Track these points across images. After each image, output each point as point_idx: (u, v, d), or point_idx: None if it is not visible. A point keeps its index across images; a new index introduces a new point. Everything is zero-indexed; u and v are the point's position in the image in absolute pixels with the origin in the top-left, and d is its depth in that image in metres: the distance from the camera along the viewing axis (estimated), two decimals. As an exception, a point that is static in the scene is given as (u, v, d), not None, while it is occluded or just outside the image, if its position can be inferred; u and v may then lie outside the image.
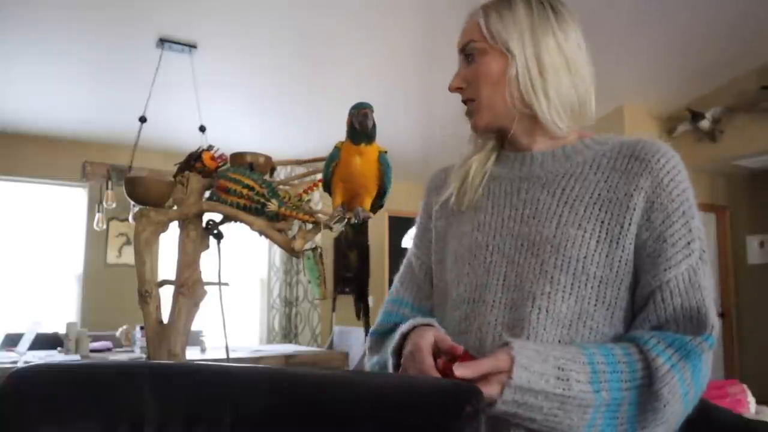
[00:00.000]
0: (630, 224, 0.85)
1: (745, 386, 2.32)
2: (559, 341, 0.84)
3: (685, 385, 0.79)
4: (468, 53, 0.95)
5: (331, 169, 1.29)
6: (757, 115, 4.63)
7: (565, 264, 0.85)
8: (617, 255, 0.85)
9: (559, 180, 0.91)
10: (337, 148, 1.28)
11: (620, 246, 0.85)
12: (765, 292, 5.45)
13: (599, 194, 0.88)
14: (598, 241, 0.85)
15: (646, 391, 0.79)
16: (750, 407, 2.25)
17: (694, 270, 0.84)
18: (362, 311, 1.40)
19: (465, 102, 0.97)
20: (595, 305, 0.85)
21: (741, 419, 1.06)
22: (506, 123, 0.94)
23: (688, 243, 0.84)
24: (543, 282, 0.85)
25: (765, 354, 5.22)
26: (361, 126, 1.20)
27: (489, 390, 0.75)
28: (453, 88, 0.97)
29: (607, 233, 0.85)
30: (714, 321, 0.82)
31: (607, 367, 0.78)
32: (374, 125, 1.22)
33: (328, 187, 1.34)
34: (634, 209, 0.85)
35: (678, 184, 0.86)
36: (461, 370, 0.74)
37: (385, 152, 1.29)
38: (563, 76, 0.90)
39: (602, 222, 0.86)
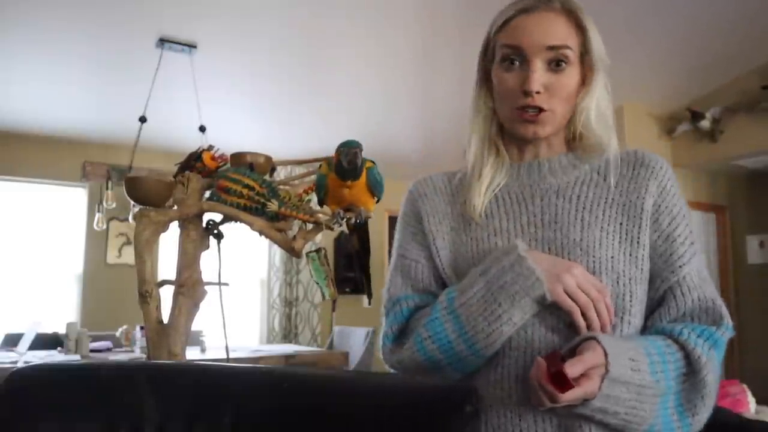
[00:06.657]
0: (646, 225, 0.89)
1: (745, 386, 2.32)
2: None
3: (715, 372, 0.85)
4: (559, 59, 0.88)
5: (323, 194, 1.36)
6: (757, 115, 4.63)
7: (597, 265, 0.86)
8: (639, 254, 0.88)
9: (572, 187, 0.93)
10: (324, 175, 1.30)
11: (641, 245, 0.88)
12: (765, 292, 5.45)
13: (613, 198, 0.91)
14: (620, 242, 0.88)
15: (690, 380, 0.83)
16: (750, 407, 2.25)
17: (701, 266, 0.90)
18: (365, 282, 1.48)
19: (527, 107, 0.89)
20: (631, 301, 0.87)
21: (741, 419, 1.06)
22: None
23: (692, 243, 0.90)
24: None
25: (765, 354, 5.22)
26: (349, 164, 1.20)
27: (592, 385, 0.76)
28: (535, 92, 0.87)
29: (626, 234, 0.89)
30: (726, 311, 0.88)
31: (658, 357, 0.82)
32: (363, 161, 1.24)
33: (322, 204, 1.42)
34: (648, 211, 0.89)
35: (677, 189, 0.93)
36: (572, 369, 0.74)
37: (374, 165, 1.29)
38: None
39: (621, 224, 0.89)
